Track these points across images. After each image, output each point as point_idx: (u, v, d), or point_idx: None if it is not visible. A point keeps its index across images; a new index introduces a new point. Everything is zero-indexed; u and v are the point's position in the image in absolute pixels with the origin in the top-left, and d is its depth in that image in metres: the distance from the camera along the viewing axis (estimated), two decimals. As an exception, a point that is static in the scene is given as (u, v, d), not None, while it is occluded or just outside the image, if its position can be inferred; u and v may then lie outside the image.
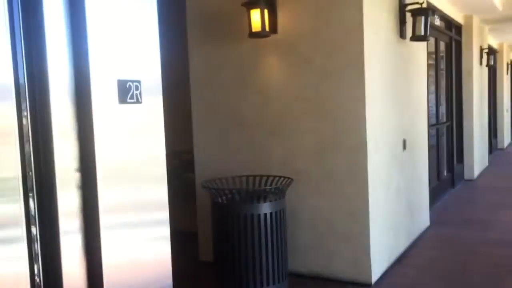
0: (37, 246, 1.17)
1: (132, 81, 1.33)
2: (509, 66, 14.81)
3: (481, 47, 9.17)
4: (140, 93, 1.36)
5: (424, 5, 4.69)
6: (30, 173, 1.16)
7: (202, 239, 4.52)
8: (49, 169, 1.18)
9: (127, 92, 1.32)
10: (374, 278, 3.87)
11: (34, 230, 1.16)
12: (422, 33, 4.50)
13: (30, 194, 1.15)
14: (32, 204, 1.16)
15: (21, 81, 1.14)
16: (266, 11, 3.88)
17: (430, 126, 6.09)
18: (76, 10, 1.22)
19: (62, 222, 1.19)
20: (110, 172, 1.27)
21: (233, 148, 4.30)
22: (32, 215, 1.16)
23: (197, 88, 4.47)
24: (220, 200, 3.69)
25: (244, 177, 4.06)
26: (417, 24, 4.49)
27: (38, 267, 1.17)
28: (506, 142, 13.85)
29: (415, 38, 4.56)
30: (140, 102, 1.36)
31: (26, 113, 1.15)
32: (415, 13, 4.49)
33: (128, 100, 1.32)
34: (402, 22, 4.51)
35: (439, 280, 3.97)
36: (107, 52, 1.28)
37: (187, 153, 4.88)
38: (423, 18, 4.46)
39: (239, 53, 4.20)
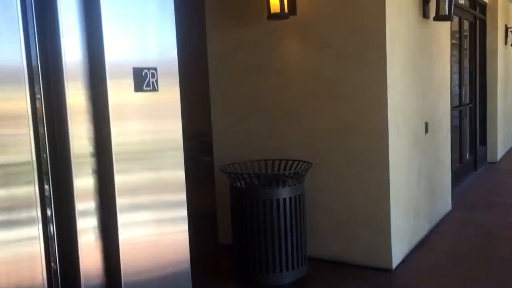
0: (53, 228, 1.17)
1: (148, 69, 1.30)
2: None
3: (506, 26, 8.90)
4: (156, 81, 1.33)
5: (449, -17, 4.54)
6: (45, 155, 1.15)
7: (221, 222, 4.53)
8: (64, 152, 1.17)
9: (143, 80, 1.29)
10: (395, 263, 3.83)
11: (49, 212, 1.16)
12: (446, 12, 4.36)
13: (45, 177, 1.15)
14: (47, 186, 1.15)
15: (33, 63, 1.12)
16: (285, -8, 3.79)
17: (452, 108, 5.96)
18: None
19: (78, 204, 1.19)
20: (126, 155, 1.26)
21: (252, 131, 4.26)
22: (47, 197, 1.16)
23: (215, 70, 4.42)
24: (238, 184, 3.67)
25: (262, 161, 4.03)
26: (441, 3, 4.36)
27: (53, 248, 1.17)
28: (530, 124, 13.52)
29: (439, 17, 4.43)
30: (157, 90, 1.33)
31: (40, 96, 1.14)
32: (439, -8, 4.35)
33: (145, 88, 1.29)
34: (425, 1, 4.37)
35: (461, 265, 3.91)
36: (123, 38, 1.24)
37: (205, 136, 4.86)
38: (447, -3, 4.32)
39: (258, 35, 4.13)
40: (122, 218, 1.25)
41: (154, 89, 1.33)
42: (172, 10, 1.39)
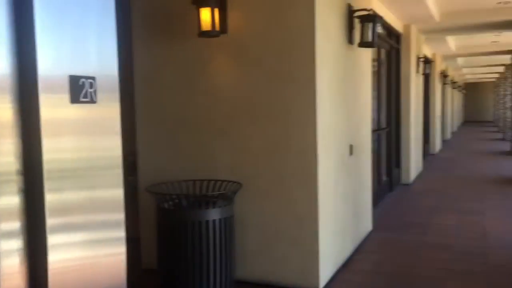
0: None
1: (86, 78, 1.18)
2: (441, 75, 15.51)
3: (417, 56, 9.49)
4: (94, 92, 1.21)
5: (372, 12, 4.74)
6: None
7: (145, 246, 4.32)
8: None
9: (80, 89, 1.16)
10: (322, 284, 3.84)
11: None
12: (370, 39, 4.54)
13: None
14: None
15: None
16: (216, 10, 3.75)
17: (371, 131, 6.19)
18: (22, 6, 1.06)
19: (1, 224, 1.07)
20: (59, 173, 1.14)
21: (180, 151, 4.13)
22: None
23: (142, 88, 4.27)
24: (166, 205, 3.52)
25: (191, 181, 3.90)
26: (365, 31, 4.53)
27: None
28: (437, 148, 14.47)
29: (363, 44, 4.60)
30: (95, 102, 1.21)
31: None
32: (364, 19, 4.52)
33: (82, 99, 1.17)
34: (350, 27, 4.52)
35: (383, 285, 4.00)
36: (59, 46, 1.12)
37: (129, 155, 4.65)
38: (371, 24, 4.50)
39: (187, 53, 4.05)
40: (52, 240, 1.14)
41: (92, 100, 1.20)
42: (113, 18, 1.28)
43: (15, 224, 1.11)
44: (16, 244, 1.11)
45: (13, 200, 1.10)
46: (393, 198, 7.62)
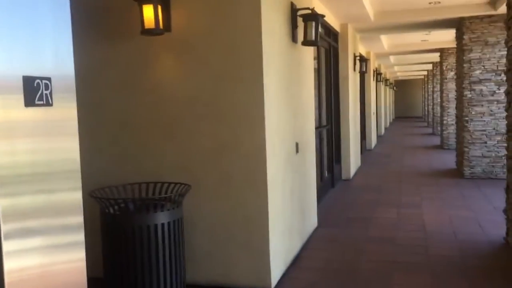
0: None
1: (41, 79, 1.08)
2: (375, 73, 16.02)
3: (354, 54, 9.74)
4: (50, 93, 1.11)
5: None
6: None
7: (90, 253, 4.11)
8: None
9: (35, 91, 1.06)
10: (273, 283, 3.83)
11: None
12: (313, 38, 4.58)
13: None
14: None
15: None
16: (159, 7, 3.65)
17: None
18: None
19: None
20: (13, 178, 1.05)
21: (124, 153, 3.98)
22: None
23: (81, 88, 4.04)
24: (111, 210, 3.38)
25: (137, 184, 3.77)
26: (308, 29, 4.56)
27: None
28: (373, 144, 14.94)
29: (306, 42, 4.63)
30: (51, 104, 1.11)
31: None
32: (307, 18, 4.55)
33: (37, 102, 1.07)
34: (294, 26, 4.54)
35: (333, 280, 4.05)
36: (10, 46, 1.02)
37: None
38: (314, 23, 4.54)
39: (130, 52, 3.91)
40: (7, 246, 1.05)
41: (48, 103, 1.11)
42: (68, 15, 1.20)
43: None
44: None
45: None
46: (335, 194, 7.77)
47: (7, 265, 1.04)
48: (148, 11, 3.61)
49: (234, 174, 3.76)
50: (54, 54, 1.14)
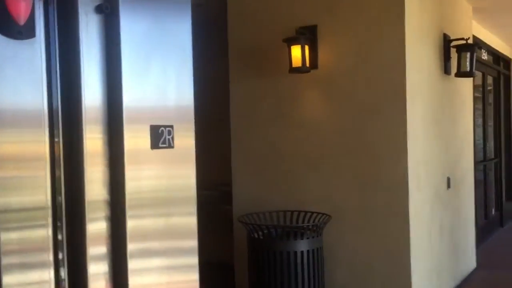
0: (65, 272, 1.17)
1: (165, 126, 1.35)
2: None
3: (531, 81, 8.84)
4: (172, 138, 1.37)
5: (470, 41, 4.59)
6: (60, 198, 1.16)
7: (238, 272, 4.47)
8: (79, 196, 1.18)
9: (159, 137, 1.33)
10: (415, 322, 3.71)
11: (61, 255, 1.17)
12: (468, 69, 4.38)
13: (59, 222, 1.16)
14: (60, 230, 1.16)
15: (54, 107, 1.15)
16: (306, 47, 3.89)
17: (477, 162, 5.89)
18: (112, 52, 1.24)
19: (90, 249, 1.19)
20: (139, 201, 1.27)
21: (272, 181, 4.27)
22: (60, 241, 1.16)
23: (237, 121, 4.49)
24: (256, 235, 3.65)
25: (281, 212, 4.01)
26: (462, 60, 4.38)
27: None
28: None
29: (460, 74, 4.45)
30: (172, 147, 1.37)
31: (59, 139, 1.16)
32: (460, 49, 4.39)
33: (160, 145, 1.34)
34: (446, 58, 4.41)
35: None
36: (142, 89, 1.28)
37: (225, 185, 4.88)
38: (468, 54, 4.35)
39: (279, 87, 4.21)
40: (132, 264, 1.24)
41: (170, 146, 1.37)
42: (191, 66, 1.44)
43: (102, 249, 1.24)
44: (103, 267, 1.25)
45: (101, 226, 1.23)
46: (503, 234, 7.10)
47: (131, 281, 1.22)
48: (296, 51, 3.88)
49: (375, 207, 3.77)
50: (177, 103, 1.39)
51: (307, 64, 3.88)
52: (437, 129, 4.24)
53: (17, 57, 1.08)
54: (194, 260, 1.44)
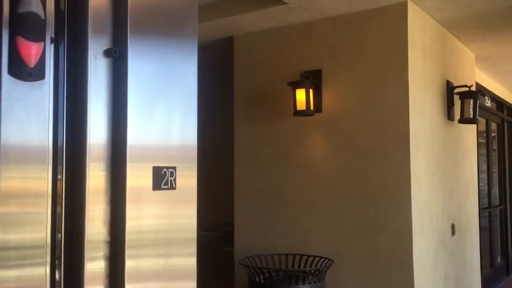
0: None
1: (168, 168, 1.36)
2: None
3: (535, 128, 8.87)
4: (174, 179, 1.37)
5: (473, 88, 4.64)
6: (60, 235, 1.15)
7: (238, 318, 4.38)
8: (79, 234, 1.17)
9: (161, 178, 1.33)
10: None
11: None
12: (471, 116, 4.41)
13: (57, 260, 1.14)
14: (58, 268, 1.14)
15: (59, 144, 1.15)
16: (311, 91, 3.94)
17: (482, 209, 5.84)
18: (119, 93, 1.25)
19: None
20: (139, 241, 1.26)
21: (274, 224, 4.24)
22: (57, 281, 1.14)
23: (241, 163, 4.51)
24: (257, 278, 3.60)
25: (283, 255, 3.96)
26: (465, 107, 4.42)
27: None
28: None
29: (464, 120, 4.47)
30: (174, 188, 1.37)
31: (61, 176, 1.16)
32: (463, 96, 4.43)
33: (162, 187, 1.34)
34: (450, 104, 4.46)
35: None
36: (146, 134, 1.30)
37: (227, 226, 4.85)
38: (471, 101, 4.40)
39: (283, 130, 4.24)
40: None
41: (172, 187, 1.37)
42: (195, 107, 1.46)
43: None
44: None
45: (100, 265, 1.21)
46: (510, 284, 6.95)
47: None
48: (300, 95, 3.94)
49: (378, 252, 3.72)
50: (181, 144, 1.41)
51: (311, 108, 3.93)
52: (441, 175, 4.23)
53: (25, 98, 1.10)
54: (193, 302, 1.42)
